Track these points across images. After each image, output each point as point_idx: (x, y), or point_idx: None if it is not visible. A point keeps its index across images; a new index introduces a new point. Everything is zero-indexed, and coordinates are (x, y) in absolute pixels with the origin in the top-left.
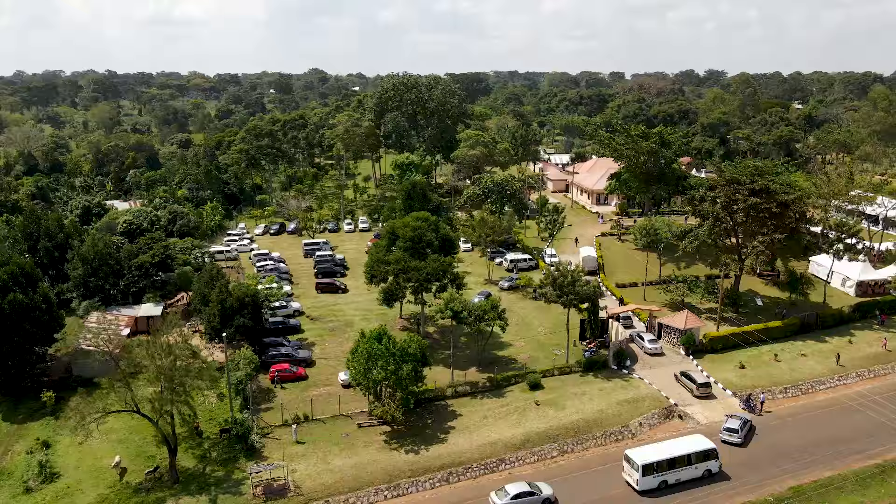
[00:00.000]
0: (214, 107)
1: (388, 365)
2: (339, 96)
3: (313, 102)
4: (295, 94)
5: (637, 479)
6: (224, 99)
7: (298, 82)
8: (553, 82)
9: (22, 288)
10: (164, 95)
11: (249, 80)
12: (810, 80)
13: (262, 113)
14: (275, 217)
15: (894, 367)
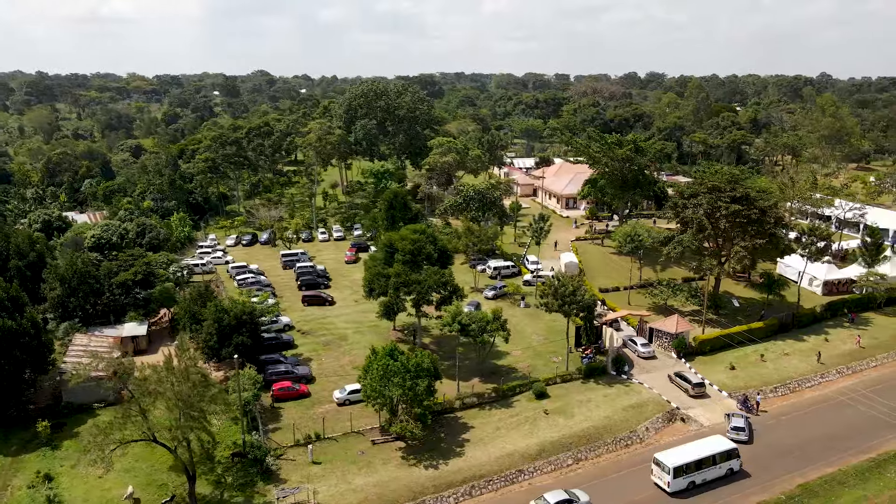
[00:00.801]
0: (159, 110)
1: (404, 381)
2: (296, 101)
3: (264, 106)
4: (243, 96)
5: (668, 481)
6: (168, 102)
7: (244, 84)
8: (500, 84)
9: (8, 313)
10: (103, 98)
11: (191, 81)
12: (746, 82)
13: (210, 117)
14: (244, 227)
15: (869, 362)
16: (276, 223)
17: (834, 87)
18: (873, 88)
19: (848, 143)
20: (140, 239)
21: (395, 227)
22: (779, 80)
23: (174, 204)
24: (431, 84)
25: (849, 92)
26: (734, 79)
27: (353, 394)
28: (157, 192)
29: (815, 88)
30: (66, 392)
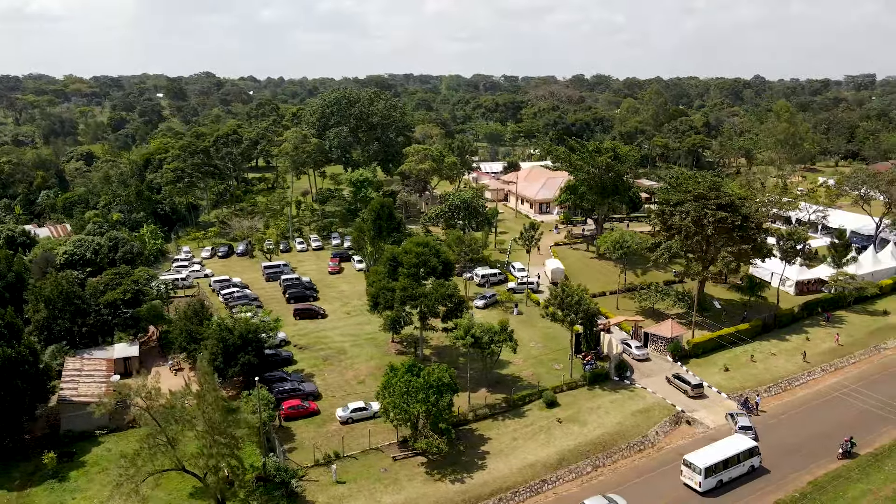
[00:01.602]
0: (102, 113)
1: (428, 398)
2: (250, 104)
3: (216, 110)
4: (190, 99)
5: (699, 481)
6: (111, 105)
7: (191, 87)
8: (451, 86)
9: (6, 340)
10: (41, 102)
11: (132, 83)
12: (689, 85)
13: (159, 121)
14: (218, 238)
15: (849, 359)
16: (254, 234)
17: (771, 89)
18: (806, 91)
19: (801, 146)
20: (113, 254)
21: (382, 237)
22: (720, 83)
23: (143, 216)
24: (385, 87)
25: (784, 94)
26: (678, 81)
27: (357, 412)
28: (123, 204)
29: (754, 91)
30: (64, 420)
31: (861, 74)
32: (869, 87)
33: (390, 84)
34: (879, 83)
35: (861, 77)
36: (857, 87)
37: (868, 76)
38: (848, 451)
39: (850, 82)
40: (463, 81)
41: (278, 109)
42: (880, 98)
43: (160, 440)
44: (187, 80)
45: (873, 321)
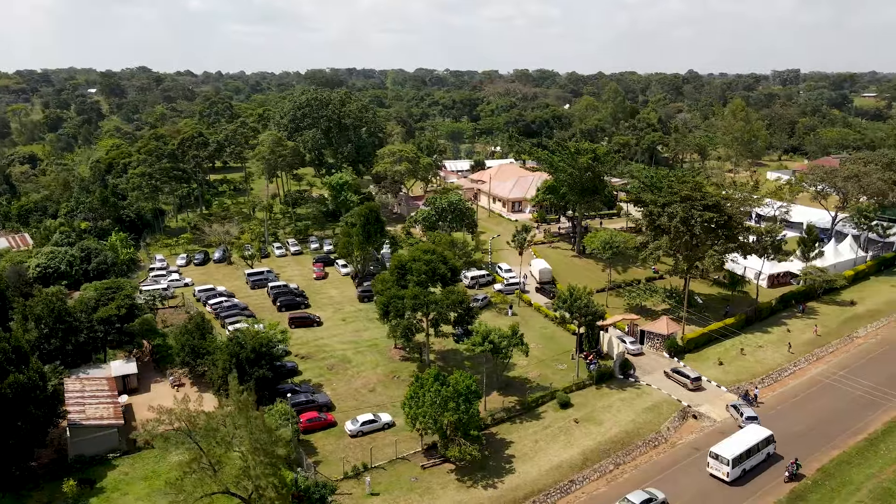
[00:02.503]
0: (34, 112)
1: (458, 406)
2: (198, 102)
3: (160, 107)
4: (129, 96)
5: (727, 471)
6: (42, 102)
7: (127, 82)
8: (396, 80)
9: (15, 366)
10: None
11: (62, 78)
12: (631, 80)
13: (99, 120)
14: (190, 245)
15: (828, 348)
16: (234, 240)
17: (710, 84)
18: (740, 86)
19: (755, 144)
20: (85, 265)
21: (371, 242)
22: (661, 79)
23: (109, 223)
24: (338, 84)
25: (721, 90)
26: (621, 76)
27: (367, 424)
28: (87, 211)
29: (693, 87)
30: (73, 445)
31: (786, 69)
32: (793, 81)
33: (339, 80)
34: (802, 77)
35: (786, 72)
36: (782, 82)
37: (792, 71)
38: (794, 474)
39: (777, 77)
40: (408, 76)
41: (231, 108)
42: (807, 93)
43: (203, 464)
44: (121, 76)
45: (843, 311)
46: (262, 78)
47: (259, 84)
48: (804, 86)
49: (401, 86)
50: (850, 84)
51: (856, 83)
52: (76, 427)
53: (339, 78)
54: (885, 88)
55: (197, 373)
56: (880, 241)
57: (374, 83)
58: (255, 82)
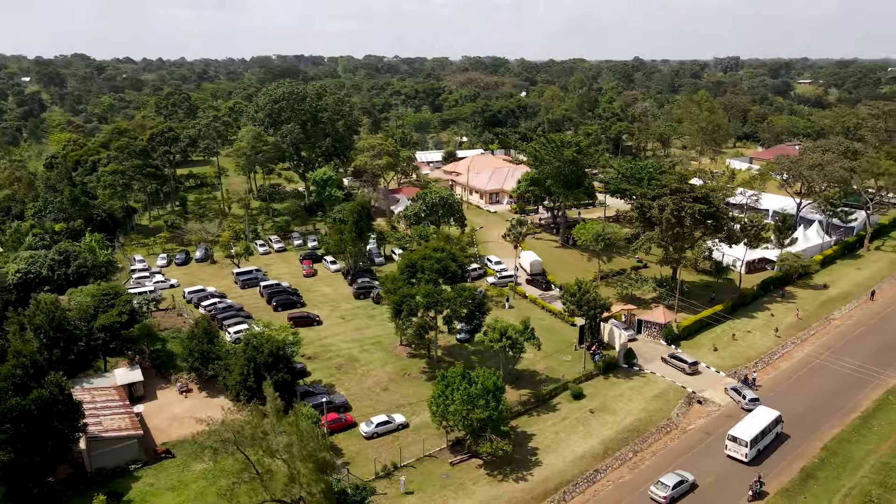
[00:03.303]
0: None
1: (488, 404)
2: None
3: (106, 98)
4: (70, 85)
5: (746, 452)
6: None
7: (67, 72)
8: (348, 68)
9: (35, 380)
10: None
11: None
12: (583, 68)
13: (41, 112)
14: (166, 244)
15: (809, 331)
16: (214, 238)
17: (658, 71)
18: (687, 73)
19: (719, 133)
20: (64, 269)
21: (363, 238)
22: (612, 66)
23: (81, 223)
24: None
25: (670, 77)
26: (573, 64)
27: (382, 426)
28: (57, 212)
29: (644, 74)
30: (93, 458)
31: (727, 57)
32: (734, 68)
33: (292, 68)
34: (741, 64)
35: (727, 59)
36: (724, 69)
37: (733, 58)
38: (758, 493)
39: (718, 64)
40: (358, 63)
41: (189, 99)
42: (749, 80)
43: (251, 474)
44: (57, 63)
45: (818, 294)
46: (207, 65)
47: (206, 72)
48: (744, 73)
49: (352, 73)
50: (787, 70)
51: (791, 70)
52: (96, 440)
53: (292, 66)
54: (820, 75)
55: (204, 378)
56: (842, 226)
57: (325, 71)
58: (202, 70)
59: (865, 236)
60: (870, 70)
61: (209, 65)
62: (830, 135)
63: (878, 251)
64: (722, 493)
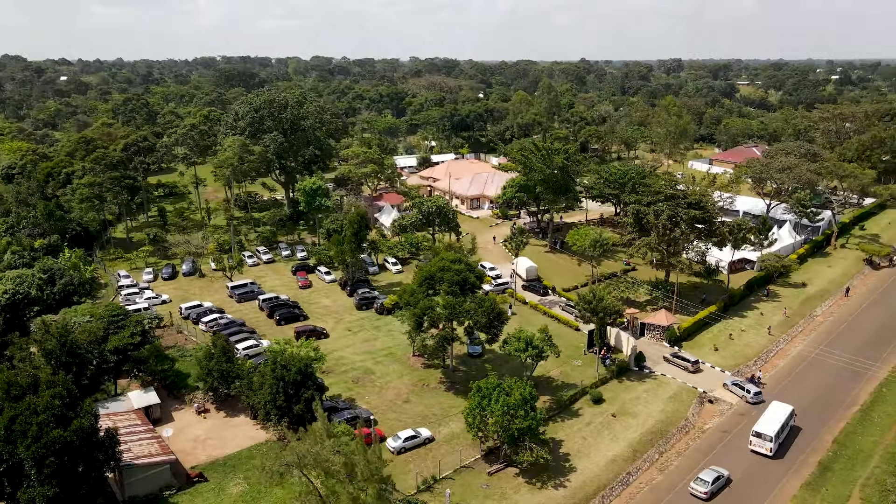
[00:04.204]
0: None
1: (527, 414)
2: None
3: (52, 103)
4: (7, 89)
5: (770, 447)
6: None
7: (3, 74)
8: (298, 70)
9: (72, 410)
10: None
11: None
12: (535, 70)
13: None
14: (148, 258)
15: (798, 329)
16: (200, 250)
17: (609, 74)
18: (636, 76)
19: (685, 137)
20: (49, 288)
21: (361, 248)
22: (563, 68)
23: (57, 238)
24: (249, 76)
25: (620, 80)
26: (526, 65)
27: (409, 440)
28: (31, 227)
29: (595, 76)
30: (126, 487)
31: (670, 59)
32: (676, 70)
33: (252, 73)
34: (684, 65)
35: (670, 61)
36: (667, 71)
37: (675, 60)
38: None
39: (661, 66)
40: (308, 65)
41: (148, 105)
42: (694, 82)
43: (315, 497)
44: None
45: (799, 293)
46: (150, 67)
47: (150, 74)
48: (685, 74)
49: (303, 75)
50: (725, 72)
51: (729, 71)
52: (129, 468)
53: (246, 69)
54: (758, 77)
55: (220, 397)
56: (810, 225)
57: (275, 73)
58: (146, 72)
59: (832, 234)
60: (802, 72)
61: (152, 66)
62: (783, 136)
63: (843, 248)
64: (754, 486)
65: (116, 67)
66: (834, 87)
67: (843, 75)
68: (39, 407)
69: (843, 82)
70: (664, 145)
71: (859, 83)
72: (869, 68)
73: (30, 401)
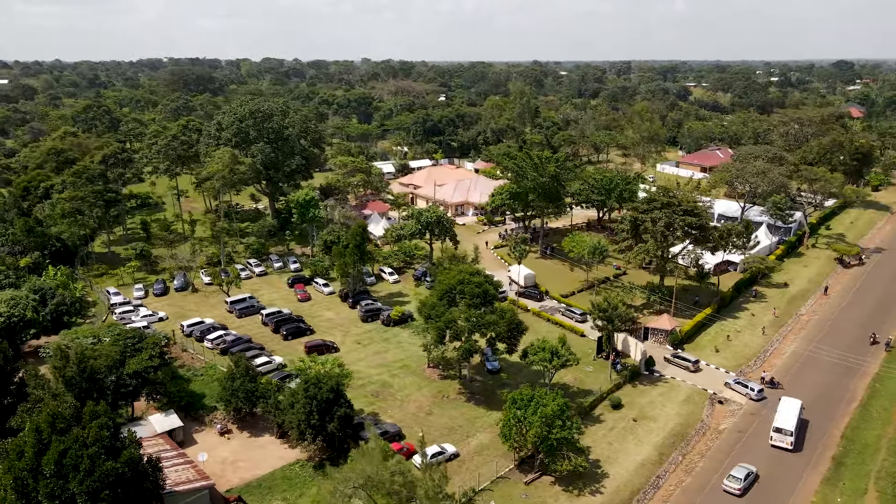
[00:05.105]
0: None
1: (564, 424)
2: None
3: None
4: None
5: (791, 441)
6: None
7: None
8: (251, 72)
9: (116, 439)
10: None
11: None
12: (493, 72)
13: None
14: (135, 273)
15: (788, 328)
16: (189, 264)
17: (567, 76)
18: (591, 79)
19: (657, 141)
20: (43, 308)
21: (363, 260)
22: (521, 71)
23: (38, 256)
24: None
25: (577, 82)
26: (484, 67)
27: (436, 456)
28: (11, 244)
29: (553, 79)
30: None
31: (620, 61)
32: (626, 72)
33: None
34: (634, 67)
35: (620, 63)
36: (618, 73)
37: (625, 62)
38: None
39: (612, 68)
40: (262, 67)
41: (110, 112)
42: (646, 84)
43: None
44: None
45: (782, 293)
46: (94, 69)
47: (97, 77)
48: (636, 77)
49: (256, 78)
50: (673, 74)
51: (677, 73)
52: (170, 495)
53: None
54: (703, 79)
55: (242, 417)
56: (783, 226)
57: (229, 76)
58: (93, 75)
59: (804, 235)
60: (745, 75)
61: (95, 68)
62: (742, 139)
63: (814, 248)
64: (778, 481)
65: (58, 70)
66: (777, 88)
67: (782, 77)
68: (89, 439)
69: (784, 84)
70: (637, 149)
71: (799, 85)
72: (805, 70)
73: (77, 433)
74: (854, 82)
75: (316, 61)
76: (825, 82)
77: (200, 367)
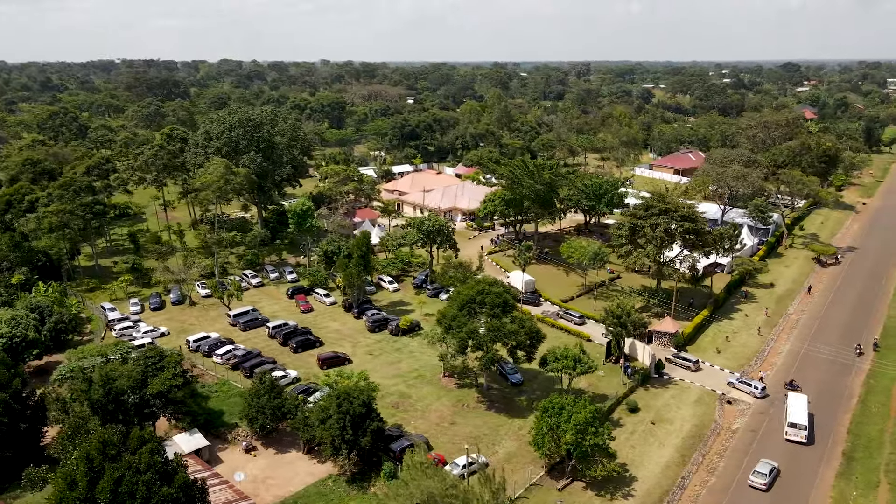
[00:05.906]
0: None
1: (598, 431)
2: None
3: None
4: None
5: (805, 435)
6: None
7: None
8: (210, 74)
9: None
10: None
11: None
12: (458, 75)
13: None
14: (127, 287)
15: (781, 326)
16: (183, 277)
17: (534, 80)
18: (554, 80)
19: (636, 145)
20: (41, 327)
21: (368, 270)
22: (486, 73)
23: (26, 271)
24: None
25: (542, 85)
26: (449, 69)
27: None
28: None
29: (518, 82)
30: None
31: (579, 62)
32: (585, 73)
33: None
34: (592, 68)
35: (579, 65)
36: (578, 75)
37: (584, 64)
38: None
39: (572, 69)
40: (222, 69)
41: (77, 119)
42: (608, 86)
43: None
44: None
45: (770, 293)
46: (44, 70)
47: (49, 80)
48: (596, 78)
49: (216, 80)
50: (631, 75)
51: (635, 74)
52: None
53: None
54: (660, 80)
55: (266, 433)
56: (762, 228)
57: (186, 79)
58: (45, 78)
59: (782, 235)
60: (700, 76)
61: (45, 70)
62: (710, 142)
63: (792, 248)
64: (797, 475)
65: (5, 72)
66: (732, 90)
67: (734, 79)
68: (142, 465)
69: (738, 86)
70: (616, 153)
71: (752, 87)
72: (755, 72)
73: (129, 459)
74: (802, 84)
75: (276, 63)
76: (775, 84)
77: (213, 383)
